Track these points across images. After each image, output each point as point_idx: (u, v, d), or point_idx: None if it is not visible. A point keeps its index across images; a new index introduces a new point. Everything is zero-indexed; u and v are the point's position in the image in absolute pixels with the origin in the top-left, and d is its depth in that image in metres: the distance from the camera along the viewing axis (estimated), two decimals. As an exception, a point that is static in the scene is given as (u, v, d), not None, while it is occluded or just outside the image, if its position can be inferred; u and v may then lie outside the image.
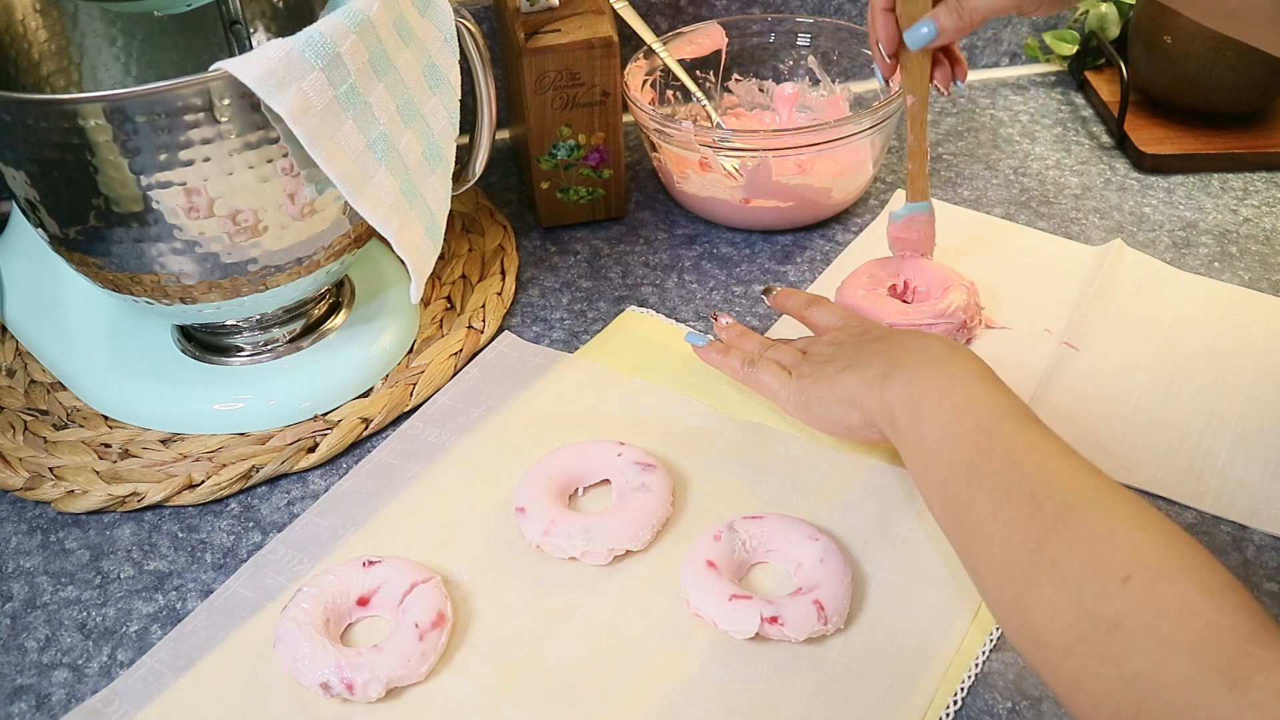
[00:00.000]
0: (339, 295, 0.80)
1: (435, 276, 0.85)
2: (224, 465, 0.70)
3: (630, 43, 0.89)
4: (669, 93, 0.94)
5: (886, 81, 0.77)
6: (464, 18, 0.74)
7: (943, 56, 0.75)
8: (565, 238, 0.90)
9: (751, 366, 0.71)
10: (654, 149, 0.89)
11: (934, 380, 0.59)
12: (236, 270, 0.67)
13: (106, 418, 0.75)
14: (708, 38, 0.95)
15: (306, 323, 0.78)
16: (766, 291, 0.78)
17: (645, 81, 0.92)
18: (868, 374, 0.63)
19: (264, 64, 0.59)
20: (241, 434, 0.73)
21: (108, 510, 0.69)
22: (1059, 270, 0.84)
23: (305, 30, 0.61)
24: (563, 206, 0.90)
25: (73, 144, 0.61)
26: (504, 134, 1.01)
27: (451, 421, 0.73)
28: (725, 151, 0.84)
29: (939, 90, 0.76)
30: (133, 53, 0.81)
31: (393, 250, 0.70)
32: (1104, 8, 1.03)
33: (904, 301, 0.79)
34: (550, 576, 0.63)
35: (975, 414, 0.56)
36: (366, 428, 0.73)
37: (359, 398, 0.75)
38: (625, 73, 0.88)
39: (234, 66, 0.59)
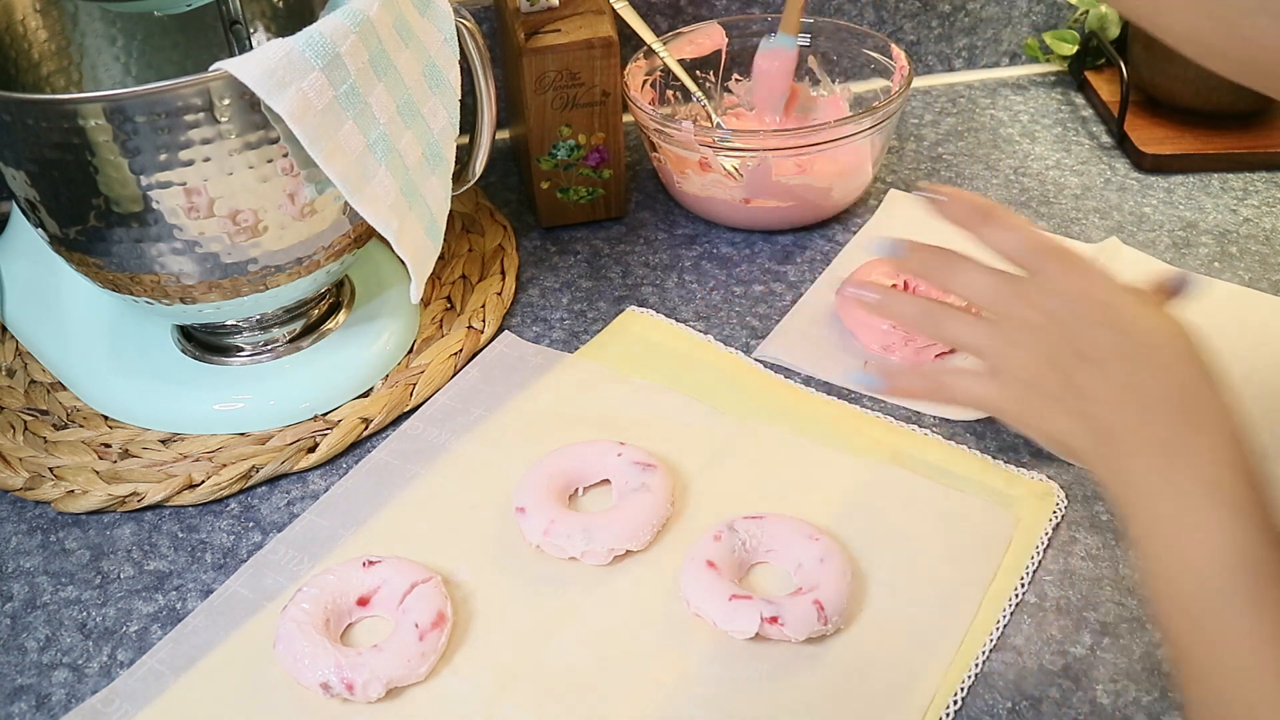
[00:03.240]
0: (339, 295, 0.80)
1: (435, 276, 0.85)
2: (224, 465, 0.70)
3: (630, 43, 0.89)
4: (669, 93, 0.94)
5: None
6: (464, 18, 0.74)
7: None
8: (565, 238, 0.90)
9: (936, 379, 0.56)
10: (654, 149, 0.89)
11: (1186, 475, 0.45)
12: (236, 270, 0.67)
13: (106, 418, 0.75)
14: (708, 38, 0.95)
15: (306, 323, 0.78)
16: (931, 198, 0.56)
17: (645, 81, 0.92)
18: (1087, 426, 0.49)
19: (264, 64, 0.59)
20: (241, 434, 0.73)
21: (108, 510, 0.69)
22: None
23: (305, 30, 0.61)
24: (563, 206, 0.90)
25: (73, 144, 0.61)
26: (504, 134, 1.01)
27: (451, 421, 0.73)
28: (725, 151, 0.84)
29: None
30: (133, 53, 0.81)
31: (393, 250, 0.70)
32: (1104, 8, 1.03)
33: (904, 301, 0.79)
34: (550, 576, 0.63)
35: (1249, 541, 0.44)
36: (366, 428, 0.73)
37: (359, 398, 0.75)
38: (625, 73, 0.88)
39: (234, 66, 0.59)
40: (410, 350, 0.79)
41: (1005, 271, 0.53)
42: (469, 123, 0.79)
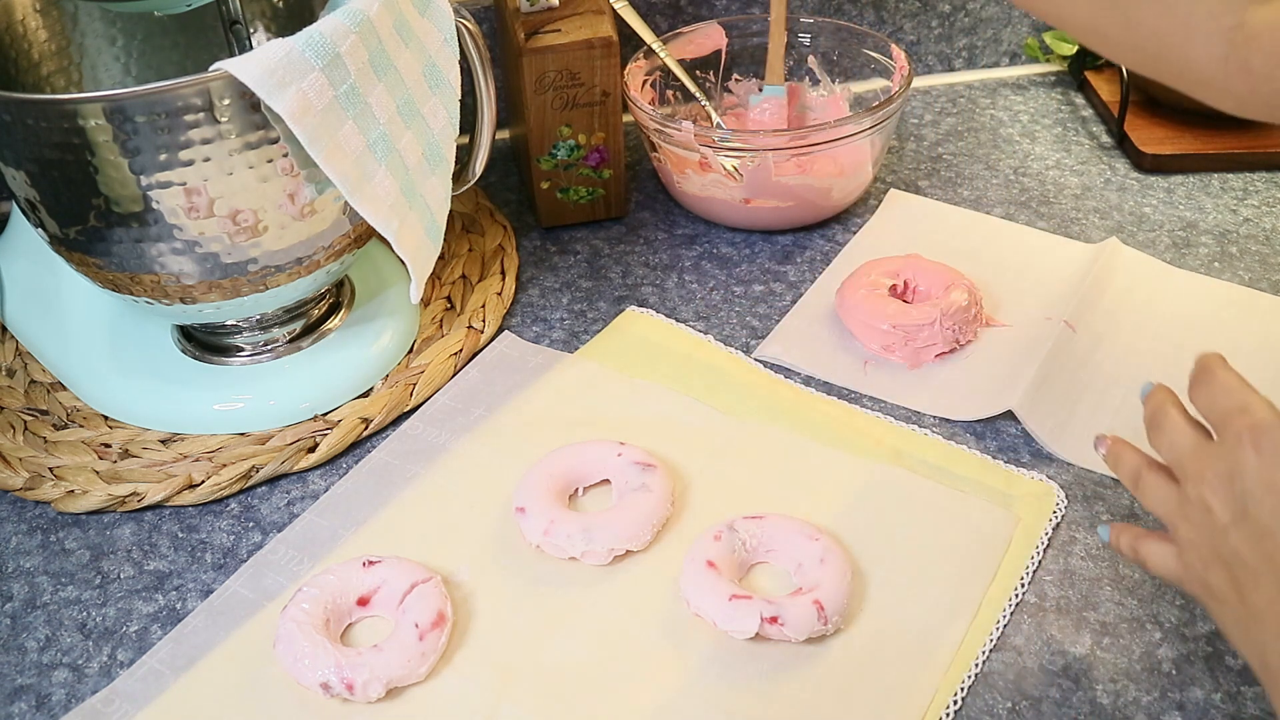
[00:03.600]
0: (339, 295, 0.80)
1: (435, 276, 0.85)
2: (224, 465, 0.70)
3: (630, 43, 0.89)
4: (669, 93, 0.94)
5: None
6: (464, 18, 0.74)
7: None
8: (565, 238, 0.90)
9: (1135, 546, 0.55)
10: (654, 149, 0.89)
11: None
12: (236, 270, 0.67)
13: (106, 418, 0.75)
14: (708, 38, 0.95)
15: (306, 323, 0.78)
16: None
17: (645, 81, 0.92)
18: (1252, 649, 0.45)
19: (264, 64, 0.59)
20: (241, 434, 0.73)
21: (108, 510, 0.69)
22: (1058, 269, 0.84)
23: (305, 30, 0.61)
24: (563, 206, 0.90)
25: (73, 144, 0.61)
26: (504, 134, 1.01)
27: (451, 421, 0.73)
28: (725, 151, 0.84)
29: None
30: (133, 53, 0.81)
31: (393, 250, 0.70)
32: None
33: (904, 301, 0.79)
34: (550, 576, 0.63)
35: None
36: (366, 428, 0.73)
37: (359, 398, 0.75)
38: (625, 73, 0.88)
39: (234, 66, 0.59)
40: (410, 350, 0.79)
41: (1204, 439, 0.50)
42: (469, 123, 0.79)
